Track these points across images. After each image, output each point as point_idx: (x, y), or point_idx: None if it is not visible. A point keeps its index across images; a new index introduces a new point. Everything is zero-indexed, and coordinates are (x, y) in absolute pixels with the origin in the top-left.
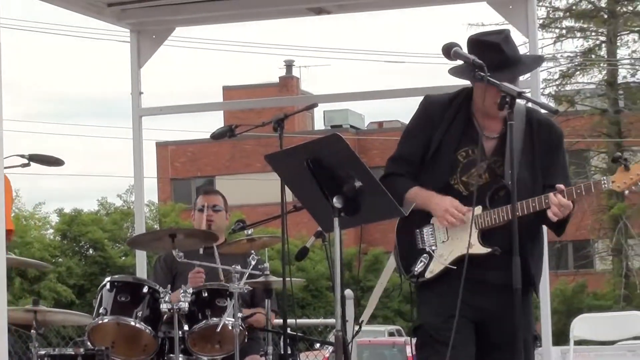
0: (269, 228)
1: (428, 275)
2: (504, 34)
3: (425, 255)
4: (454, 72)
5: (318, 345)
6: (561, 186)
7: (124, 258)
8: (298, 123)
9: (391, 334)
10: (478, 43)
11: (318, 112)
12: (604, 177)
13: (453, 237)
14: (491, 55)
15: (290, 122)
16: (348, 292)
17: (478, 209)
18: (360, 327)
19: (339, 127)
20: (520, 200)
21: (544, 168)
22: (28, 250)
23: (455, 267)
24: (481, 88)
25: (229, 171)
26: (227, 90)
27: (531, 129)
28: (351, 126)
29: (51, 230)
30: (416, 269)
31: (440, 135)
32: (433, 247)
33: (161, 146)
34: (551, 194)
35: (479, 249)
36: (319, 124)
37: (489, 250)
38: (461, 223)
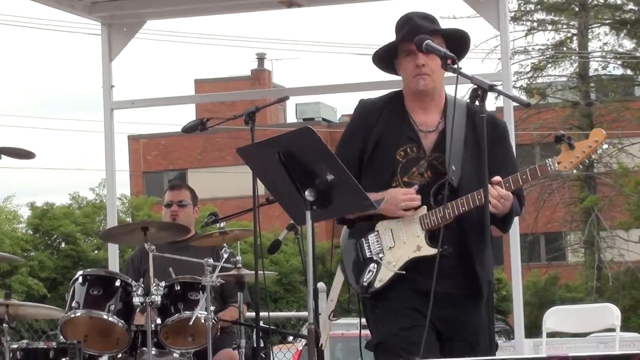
0: (242, 221)
1: (377, 284)
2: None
3: (373, 264)
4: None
5: (291, 338)
6: (497, 178)
7: (96, 252)
8: (270, 116)
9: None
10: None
11: (290, 105)
12: (549, 159)
13: (399, 241)
14: (405, 27)
15: (263, 115)
16: (321, 285)
17: (423, 209)
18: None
19: (311, 120)
20: (461, 197)
21: (491, 162)
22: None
23: (405, 272)
24: (404, 68)
25: (201, 164)
26: (199, 83)
27: (473, 123)
28: (323, 119)
29: (23, 225)
30: (364, 279)
31: (377, 136)
32: (380, 255)
33: (133, 139)
34: (489, 187)
35: (427, 250)
36: (291, 117)
37: (436, 250)
38: (417, 204)
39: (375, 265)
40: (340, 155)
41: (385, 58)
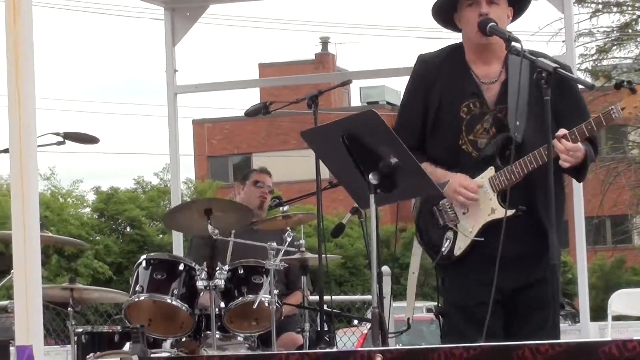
0: (305, 205)
1: (457, 252)
2: None
3: (449, 232)
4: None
5: (356, 322)
6: (562, 131)
7: (161, 236)
8: (334, 100)
9: (429, 310)
10: None
11: (354, 88)
12: (612, 106)
13: (472, 206)
14: None
15: (327, 98)
16: (385, 268)
17: (491, 170)
18: (409, 326)
19: (375, 103)
20: (528, 155)
21: (559, 115)
22: (65, 227)
23: (483, 239)
24: (467, 20)
25: (265, 148)
26: (263, 67)
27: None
28: (387, 102)
29: (88, 209)
30: (443, 249)
31: (438, 93)
32: (455, 222)
33: (198, 123)
34: (555, 141)
35: (502, 212)
36: (356, 101)
37: (513, 211)
38: (473, 201)
39: (452, 233)
40: (402, 118)
41: (445, 11)
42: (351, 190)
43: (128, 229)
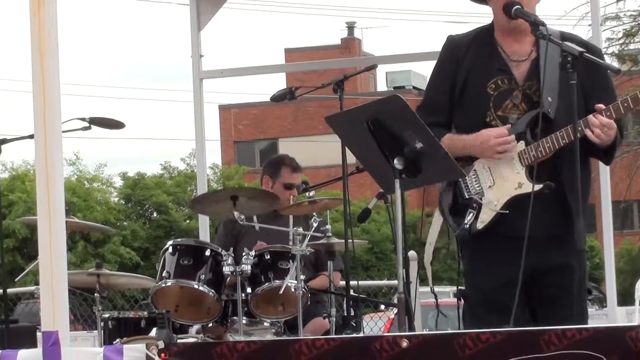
0: (332, 190)
1: (480, 225)
2: None
3: (473, 204)
4: None
5: (383, 307)
6: (600, 106)
7: (188, 221)
8: (361, 84)
9: (456, 294)
10: None
11: (380, 73)
12: None
13: (499, 179)
14: None
15: (353, 83)
16: (412, 253)
17: (521, 144)
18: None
19: (402, 88)
20: (560, 130)
21: (587, 97)
22: (91, 213)
23: (508, 212)
24: (495, 1)
25: (292, 133)
26: (289, 52)
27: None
28: (414, 87)
29: (115, 194)
30: (466, 220)
31: (465, 71)
32: (480, 195)
33: (224, 109)
34: (590, 116)
35: (529, 187)
36: (382, 86)
37: (540, 186)
38: (512, 147)
39: (476, 206)
40: (429, 96)
41: None
42: (376, 175)
43: (155, 214)
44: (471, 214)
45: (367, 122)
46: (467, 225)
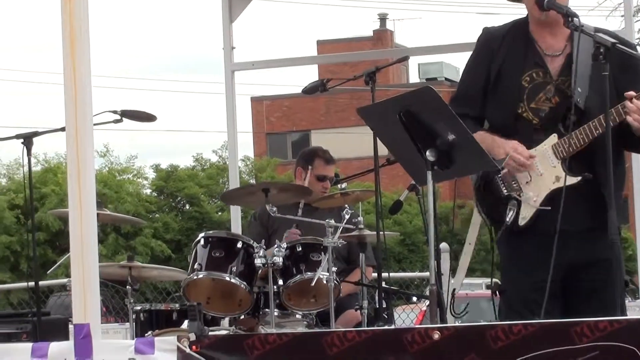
0: (364, 182)
1: (522, 222)
2: None
3: (512, 202)
4: None
5: (415, 299)
6: (631, 93)
7: (220, 213)
8: (393, 76)
9: (489, 287)
10: None
11: (413, 65)
12: None
13: (535, 174)
14: None
15: (385, 75)
16: (443, 245)
17: (554, 137)
18: (453, 297)
19: (434, 79)
20: (592, 120)
21: (619, 85)
22: (122, 205)
23: (550, 208)
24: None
25: (325, 125)
26: (321, 44)
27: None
28: (446, 79)
29: (147, 186)
30: (507, 218)
31: (500, 62)
32: (518, 191)
33: (256, 101)
34: (626, 102)
35: (568, 179)
36: (414, 77)
37: (579, 178)
38: (524, 168)
39: (515, 203)
40: (462, 87)
41: None
42: (408, 167)
43: (187, 206)
44: (512, 211)
45: (399, 113)
46: (509, 223)
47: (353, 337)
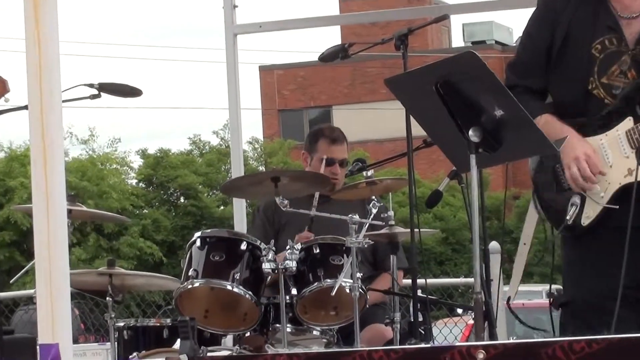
0: (397, 168)
1: (585, 221)
2: None
3: (575, 197)
4: None
5: (460, 310)
6: None
7: (222, 208)
8: (432, 39)
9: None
10: None
11: (456, 25)
12: None
13: (604, 165)
14: None
15: (422, 38)
16: (493, 244)
17: (629, 122)
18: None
19: (482, 43)
20: None
21: None
22: (105, 200)
23: (618, 207)
24: None
25: (349, 100)
26: (344, 2)
27: None
28: (496, 42)
29: (133, 176)
30: (568, 217)
31: (566, 26)
32: None
33: (266, 71)
34: None
35: None
36: (458, 41)
37: None
38: (590, 183)
39: (579, 198)
40: (522, 54)
41: None
42: (447, 150)
43: (182, 199)
44: (574, 208)
45: (435, 85)
46: (570, 222)
47: (380, 357)
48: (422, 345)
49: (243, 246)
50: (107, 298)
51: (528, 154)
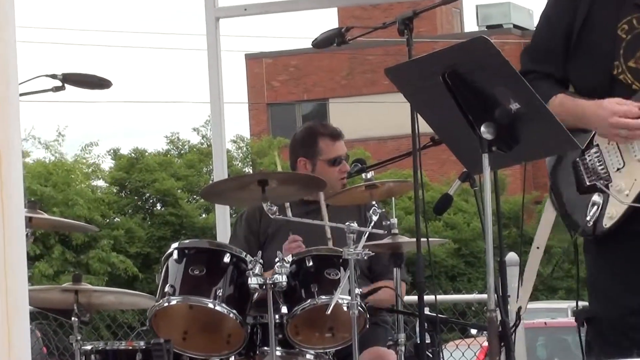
0: (402, 169)
1: (608, 223)
2: None
3: (596, 195)
4: None
5: (474, 331)
6: None
7: (204, 216)
8: (441, 24)
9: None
10: None
11: (469, 7)
12: None
13: (631, 159)
14: None
15: (431, 22)
16: (511, 256)
17: None
18: (518, 319)
19: (498, 27)
20: None
21: None
22: (71, 208)
23: None
24: None
25: (347, 92)
26: None
27: None
28: (515, 26)
29: (103, 181)
30: (588, 217)
31: (587, 5)
32: (606, 181)
33: (253, 59)
34: None
35: None
36: (471, 24)
37: None
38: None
39: (601, 197)
40: (539, 37)
41: None
42: (457, 149)
43: (159, 206)
44: (595, 208)
45: (443, 75)
46: (591, 223)
47: None
48: None
49: (226, 258)
50: (73, 318)
51: (548, 152)
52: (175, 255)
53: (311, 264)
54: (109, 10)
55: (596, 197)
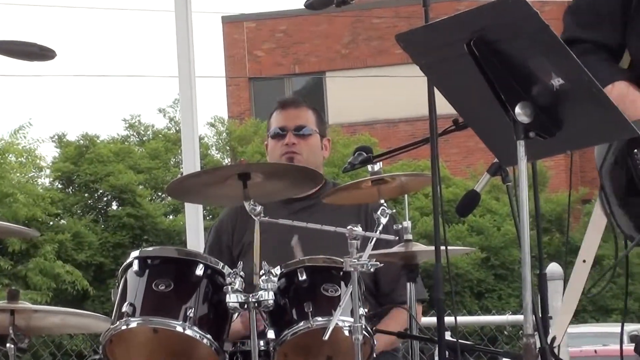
0: (418, 160)
1: None
2: None
3: None
4: None
5: None
6: None
7: (170, 217)
8: None
9: (635, 338)
10: None
11: None
12: None
13: None
14: None
15: None
16: (553, 267)
17: None
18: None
19: None
20: None
21: None
22: (9, 208)
23: None
24: None
25: (348, 64)
26: None
27: None
28: None
29: (46, 173)
30: None
31: None
32: None
33: (231, 22)
34: None
35: None
36: None
37: None
38: None
39: None
40: (589, 12)
41: None
42: (486, 136)
43: (114, 205)
44: None
45: (468, 43)
46: None
47: None
48: None
49: (199, 270)
50: (8, 344)
51: (599, 139)
52: (135, 267)
53: (304, 277)
54: None
55: None
